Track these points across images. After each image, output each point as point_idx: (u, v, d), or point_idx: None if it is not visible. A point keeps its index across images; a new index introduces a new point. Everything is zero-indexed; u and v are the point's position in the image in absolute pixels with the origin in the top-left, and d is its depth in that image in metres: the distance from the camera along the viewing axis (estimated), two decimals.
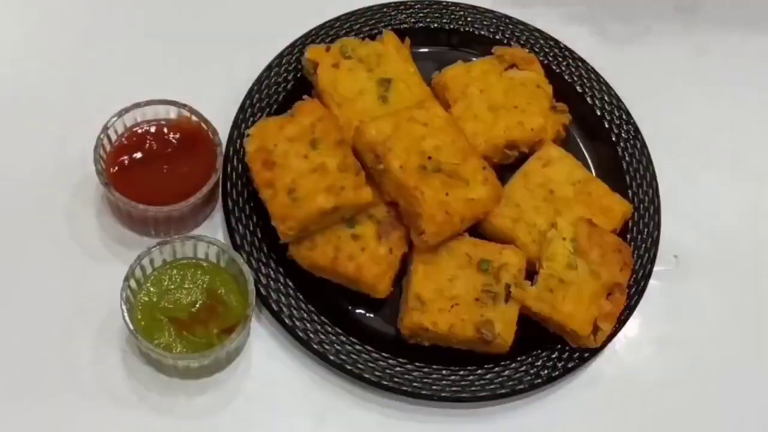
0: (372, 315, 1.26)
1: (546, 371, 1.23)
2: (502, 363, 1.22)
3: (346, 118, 1.28)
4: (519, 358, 1.23)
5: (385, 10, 1.43)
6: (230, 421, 1.20)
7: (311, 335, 1.21)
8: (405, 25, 1.42)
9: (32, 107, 1.35)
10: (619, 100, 1.41)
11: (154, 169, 1.24)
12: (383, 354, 1.22)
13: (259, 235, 1.26)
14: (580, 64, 1.43)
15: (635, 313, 1.28)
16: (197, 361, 1.16)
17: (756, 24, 1.58)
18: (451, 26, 1.44)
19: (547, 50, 1.44)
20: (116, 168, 1.24)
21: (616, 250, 1.25)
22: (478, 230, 1.27)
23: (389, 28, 1.40)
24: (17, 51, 1.40)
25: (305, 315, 1.22)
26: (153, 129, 1.27)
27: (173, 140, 1.26)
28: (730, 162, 1.45)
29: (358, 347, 1.22)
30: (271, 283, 1.23)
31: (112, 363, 1.20)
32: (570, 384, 1.26)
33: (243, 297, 1.18)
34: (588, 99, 1.41)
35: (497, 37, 1.44)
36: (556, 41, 1.45)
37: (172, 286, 1.19)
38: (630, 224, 1.32)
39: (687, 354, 1.31)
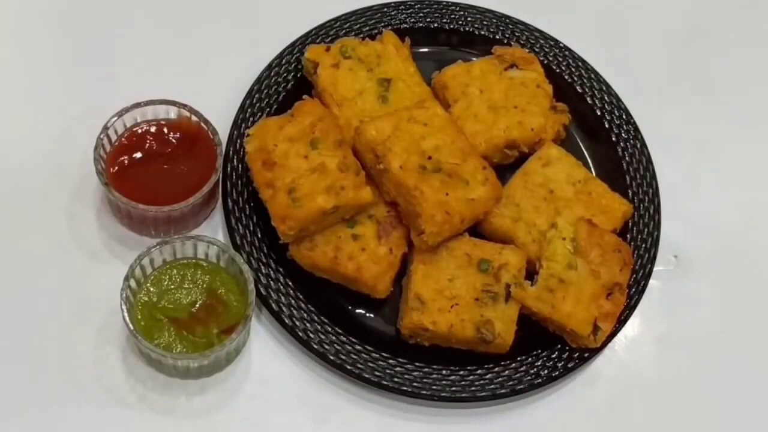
0: (372, 315, 1.26)
1: (546, 371, 1.23)
2: (502, 363, 1.23)
3: (346, 118, 1.28)
4: (519, 358, 1.23)
5: (385, 10, 1.43)
6: (230, 421, 1.20)
7: (311, 335, 1.21)
8: (405, 25, 1.42)
9: (32, 107, 1.35)
10: (619, 100, 1.41)
11: (154, 169, 1.24)
12: (383, 354, 1.22)
13: (259, 235, 1.26)
14: (580, 64, 1.43)
15: (635, 313, 1.28)
16: (197, 361, 1.16)
17: (756, 23, 1.58)
18: (451, 26, 1.44)
19: (547, 50, 1.44)
20: (116, 168, 1.24)
21: (616, 250, 1.25)
22: (478, 230, 1.27)
23: (389, 28, 1.40)
24: (17, 51, 1.40)
25: (305, 315, 1.22)
26: (153, 129, 1.27)
27: (173, 140, 1.26)
28: (730, 162, 1.45)
29: (358, 347, 1.22)
30: (271, 283, 1.23)
31: (112, 363, 1.20)
32: (570, 384, 1.26)
33: (243, 297, 1.18)
34: (588, 99, 1.41)
35: (497, 37, 1.44)
36: (556, 41, 1.45)
37: (172, 286, 1.19)
38: (630, 224, 1.32)
39: (687, 354, 1.31)
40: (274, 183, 1.20)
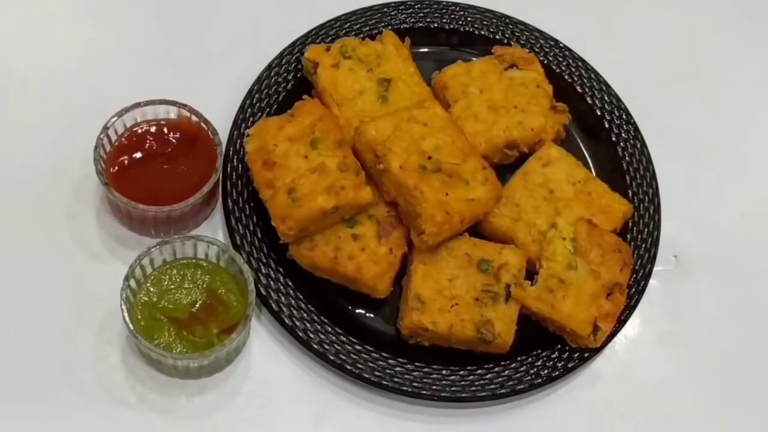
0: (372, 315, 1.26)
1: (546, 371, 1.23)
2: (502, 363, 1.23)
3: (346, 118, 1.28)
4: (519, 358, 1.23)
5: (385, 10, 1.43)
6: (230, 421, 1.20)
7: (311, 335, 1.21)
8: (405, 25, 1.42)
9: (32, 107, 1.35)
10: (619, 100, 1.41)
11: (154, 169, 1.24)
12: (383, 354, 1.22)
13: (259, 235, 1.26)
14: (580, 64, 1.43)
15: (635, 313, 1.28)
16: (197, 361, 1.16)
17: (756, 24, 1.58)
18: (451, 26, 1.44)
19: (547, 50, 1.44)
20: (116, 168, 1.24)
21: (616, 250, 1.25)
22: (478, 230, 1.27)
23: (389, 28, 1.40)
24: (17, 51, 1.40)
25: (305, 315, 1.22)
26: (153, 129, 1.27)
27: (173, 140, 1.26)
28: (730, 162, 1.45)
29: (358, 347, 1.22)
30: (271, 283, 1.23)
31: (112, 363, 1.20)
32: (570, 384, 1.26)
33: (243, 297, 1.18)
34: (588, 99, 1.41)
35: (497, 36, 1.44)
36: (556, 41, 1.45)
37: (172, 286, 1.19)
38: (630, 224, 1.32)
39: (687, 353, 1.31)
40: (274, 183, 1.20)
